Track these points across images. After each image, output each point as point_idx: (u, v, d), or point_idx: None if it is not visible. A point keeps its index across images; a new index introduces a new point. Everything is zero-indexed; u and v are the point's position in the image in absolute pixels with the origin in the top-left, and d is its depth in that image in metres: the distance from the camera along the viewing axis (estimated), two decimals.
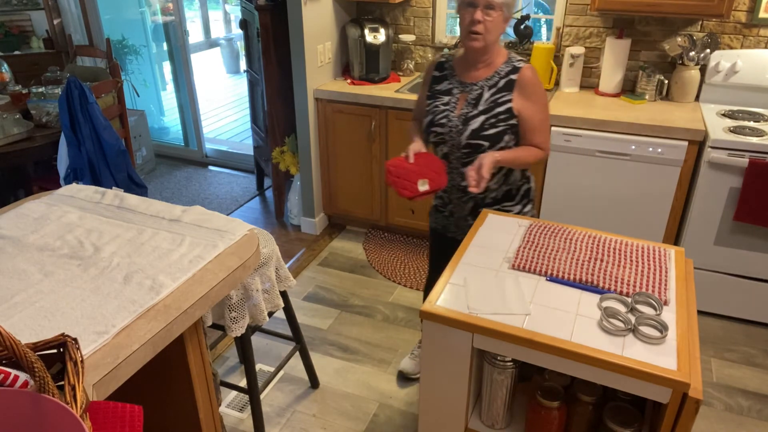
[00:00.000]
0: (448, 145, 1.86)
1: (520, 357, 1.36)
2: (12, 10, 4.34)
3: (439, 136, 1.86)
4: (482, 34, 1.71)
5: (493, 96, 1.80)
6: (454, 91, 1.86)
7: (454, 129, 1.82)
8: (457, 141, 1.83)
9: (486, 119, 1.79)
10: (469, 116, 1.80)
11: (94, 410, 0.97)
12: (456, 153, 1.86)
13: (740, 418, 2.25)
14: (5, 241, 1.61)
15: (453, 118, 1.82)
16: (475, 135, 1.80)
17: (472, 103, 1.81)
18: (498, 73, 1.82)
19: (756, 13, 2.78)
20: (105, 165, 2.94)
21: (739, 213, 2.51)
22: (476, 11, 1.68)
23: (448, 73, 1.89)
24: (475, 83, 1.82)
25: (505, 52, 1.85)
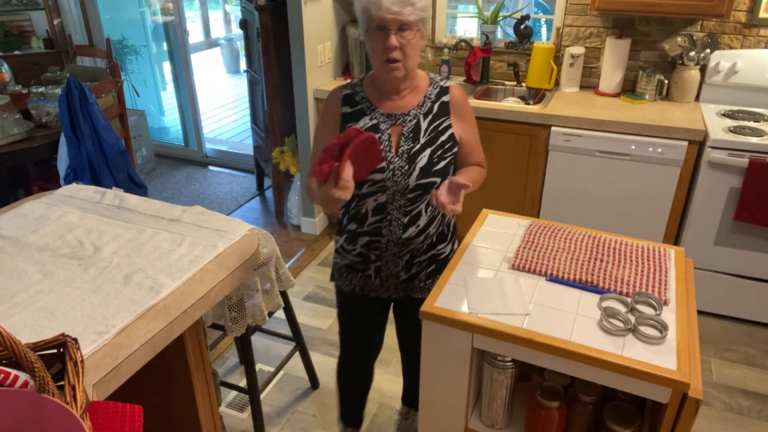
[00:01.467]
0: (389, 193, 1.53)
1: (520, 357, 1.36)
2: (12, 10, 4.34)
3: (378, 184, 1.51)
4: (401, 60, 1.43)
5: (432, 124, 1.54)
6: (382, 126, 1.52)
7: (398, 171, 1.50)
8: (402, 185, 1.52)
9: (433, 152, 1.52)
10: (414, 152, 1.51)
11: (94, 410, 0.97)
12: (398, 200, 1.55)
13: (740, 418, 2.25)
14: (5, 241, 1.61)
15: (394, 159, 1.50)
16: (426, 173, 1.51)
17: (411, 137, 1.52)
18: (428, 98, 1.56)
19: (756, 13, 2.78)
20: (105, 165, 2.94)
21: (739, 213, 2.51)
22: (389, 36, 1.39)
23: (364, 107, 1.54)
24: (407, 113, 1.53)
25: (424, 73, 1.60)
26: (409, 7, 1.36)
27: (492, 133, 2.93)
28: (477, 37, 3.42)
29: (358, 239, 1.63)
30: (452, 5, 3.62)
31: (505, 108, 2.86)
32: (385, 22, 1.37)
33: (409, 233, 1.59)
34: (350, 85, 1.59)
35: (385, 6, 1.35)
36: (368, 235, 1.61)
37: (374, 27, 1.40)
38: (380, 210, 1.57)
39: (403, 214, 1.57)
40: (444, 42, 3.48)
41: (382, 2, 1.35)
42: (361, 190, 1.54)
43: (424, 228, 1.61)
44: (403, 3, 1.35)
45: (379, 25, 1.38)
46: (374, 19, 1.38)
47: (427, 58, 3.50)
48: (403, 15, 1.36)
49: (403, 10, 1.36)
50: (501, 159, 2.96)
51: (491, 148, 2.95)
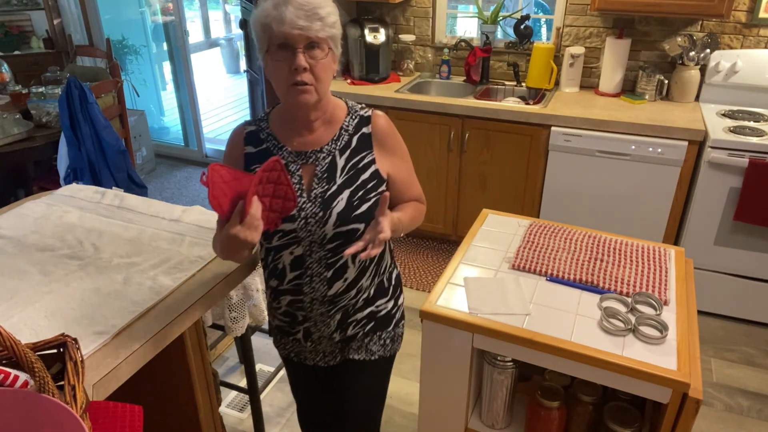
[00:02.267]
0: (304, 244, 1.30)
1: (520, 357, 1.36)
2: (12, 10, 4.34)
3: (290, 235, 1.29)
4: (311, 84, 1.20)
5: (350, 161, 1.31)
6: (291, 167, 1.29)
7: (311, 219, 1.27)
8: (318, 235, 1.28)
9: (352, 194, 1.29)
10: (329, 195, 1.28)
11: (94, 410, 0.97)
12: (317, 252, 1.31)
13: (740, 418, 2.25)
14: (5, 241, 1.61)
15: (306, 205, 1.27)
16: (345, 219, 1.28)
17: (325, 177, 1.29)
18: (345, 130, 1.32)
19: (756, 13, 2.78)
20: (105, 165, 2.94)
21: (739, 213, 2.51)
22: (296, 56, 1.16)
23: (270, 146, 1.31)
24: (319, 149, 1.30)
25: (341, 102, 1.35)
26: (318, 22, 1.16)
27: (492, 133, 2.93)
28: (477, 37, 3.42)
29: (281, 298, 1.41)
30: (452, 5, 3.62)
31: (505, 108, 2.86)
32: (290, 39, 1.16)
33: (335, 289, 1.36)
34: (255, 121, 1.36)
35: (289, 19, 1.14)
36: (290, 294, 1.38)
37: (276, 46, 1.17)
38: (298, 264, 1.33)
39: (325, 268, 1.33)
40: (444, 42, 3.48)
41: (285, 15, 1.14)
42: (271, 242, 1.32)
43: (354, 281, 1.37)
44: (311, 17, 1.15)
45: (283, 42, 1.16)
46: (276, 36, 1.16)
47: (427, 58, 3.50)
48: (312, 30, 1.15)
49: (312, 24, 1.15)
50: (501, 159, 2.96)
51: (491, 148, 2.95)
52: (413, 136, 3.09)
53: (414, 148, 3.11)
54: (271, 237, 1.32)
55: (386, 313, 1.48)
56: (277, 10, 1.15)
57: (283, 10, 1.14)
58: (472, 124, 2.94)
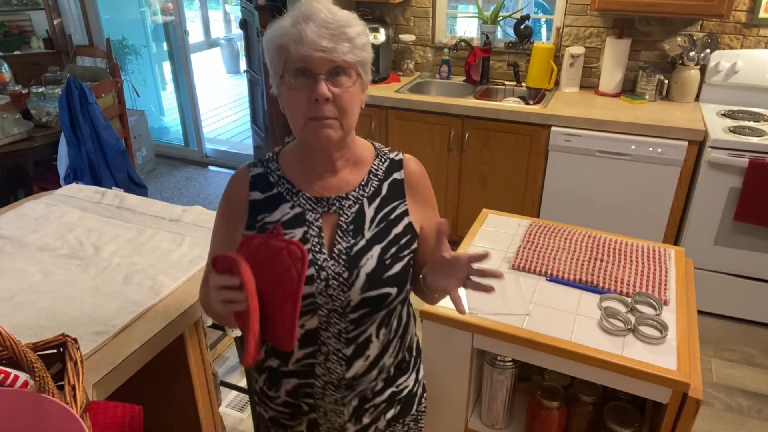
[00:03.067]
0: (322, 314, 1.05)
1: (520, 357, 1.36)
2: (12, 10, 4.34)
3: (305, 301, 1.03)
4: (336, 118, 0.98)
5: (380, 211, 1.09)
6: (309, 216, 1.05)
7: (333, 282, 1.03)
8: (340, 302, 1.04)
9: (384, 250, 1.06)
10: (356, 252, 1.04)
11: (94, 410, 0.97)
12: (337, 324, 1.06)
13: (740, 418, 2.25)
14: (5, 241, 1.61)
15: (327, 264, 1.03)
16: (375, 281, 1.04)
17: (350, 230, 1.06)
18: (375, 175, 1.10)
19: (756, 13, 2.78)
20: (105, 165, 2.94)
21: (739, 213, 2.51)
22: (318, 83, 0.94)
23: (282, 191, 1.07)
24: (344, 195, 1.07)
25: (367, 142, 1.15)
26: (346, 44, 0.94)
27: (492, 133, 2.93)
28: (477, 37, 3.42)
29: (283, 382, 1.13)
30: (452, 5, 3.62)
31: (505, 108, 2.86)
32: (310, 63, 0.94)
33: (355, 370, 1.10)
34: (261, 161, 1.12)
35: (311, 40, 0.92)
36: (296, 377, 1.12)
37: (293, 71, 0.95)
38: (311, 340, 1.08)
39: (344, 344, 1.08)
40: (444, 42, 3.48)
41: (305, 34, 0.93)
42: None
43: (376, 360, 1.12)
44: (337, 36, 0.94)
45: (302, 67, 0.95)
46: (294, 59, 0.94)
47: (427, 58, 3.50)
48: (338, 53, 0.94)
49: (338, 46, 0.94)
50: (501, 159, 2.96)
51: (491, 148, 2.95)
52: (413, 136, 3.09)
53: (414, 148, 3.11)
54: None
55: (408, 393, 1.22)
56: (296, 27, 0.94)
57: (302, 27, 0.93)
58: (472, 124, 2.94)
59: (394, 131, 3.15)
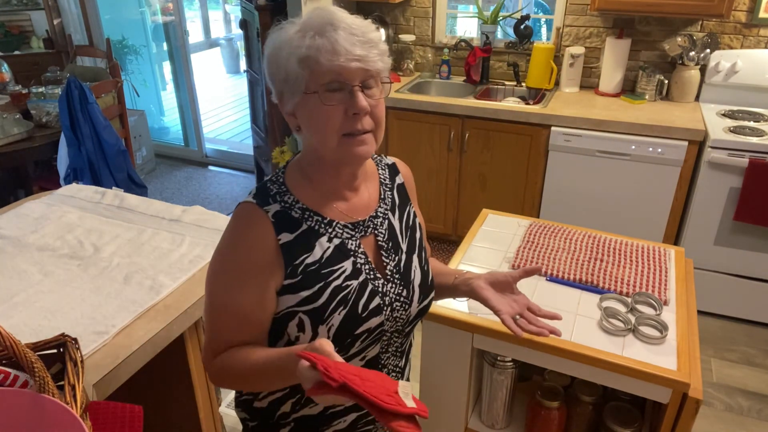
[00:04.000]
0: (386, 337, 1.01)
1: (520, 357, 1.36)
2: (12, 10, 4.34)
3: (374, 333, 0.97)
4: (371, 131, 0.92)
5: (402, 221, 1.07)
6: (350, 245, 0.98)
7: (396, 303, 0.99)
8: (403, 320, 1.02)
9: (419, 258, 1.06)
10: (404, 267, 1.03)
11: (94, 410, 0.97)
12: (395, 343, 1.04)
13: (740, 418, 2.25)
14: (5, 241, 1.61)
15: (387, 289, 0.99)
16: (426, 290, 1.05)
17: (391, 248, 1.02)
18: (385, 185, 1.07)
19: (756, 13, 2.78)
20: (105, 165, 2.94)
21: (739, 213, 2.51)
22: (356, 96, 0.88)
23: (313, 224, 0.95)
24: (375, 214, 1.02)
25: None
26: (375, 50, 0.89)
27: (492, 133, 2.93)
28: (477, 37, 3.42)
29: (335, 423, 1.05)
30: (452, 5, 3.62)
31: (505, 108, 2.86)
32: (345, 75, 0.87)
33: (405, 376, 1.12)
34: (268, 194, 0.96)
35: (345, 49, 0.86)
36: (355, 410, 1.05)
37: (325, 85, 0.87)
38: (371, 367, 1.02)
39: (399, 357, 1.07)
40: (444, 42, 3.48)
41: (338, 43, 0.86)
42: (348, 351, 0.97)
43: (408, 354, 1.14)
44: (366, 44, 0.88)
45: (335, 79, 0.87)
46: (325, 71, 0.86)
47: (427, 58, 3.50)
48: (372, 61, 0.88)
49: (369, 53, 0.88)
50: (501, 159, 2.96)
51: (491, 148, 2.95)
52: (413, 136, 3.09)
53: (414, 148, 3.11)
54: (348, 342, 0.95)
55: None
56: (324, 37, 0.86)
57: (333, 36, 0.86)
58: (472, 124, 2.94)
59: (394, 131, 3.15)
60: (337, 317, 0.93)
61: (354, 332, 0.94)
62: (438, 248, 3.41)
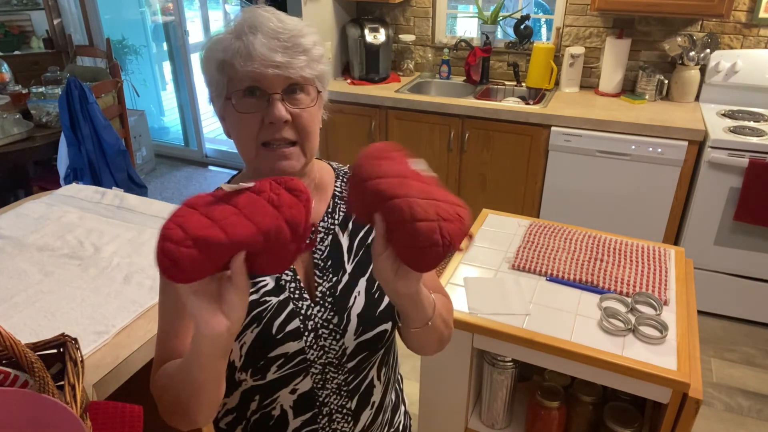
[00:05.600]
0: (316, 369, 0.90)
1: (520, 357, 1.36)
2: (12, 10, 4.34)
3: (293, 361, 0.88)
4: (295, 142, 0.84)
5: (355, 238, 0.95)
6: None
7: (323, 330, 0.89)
8: (335, 351, 0.90)
9: (369, 283, 0.93)
10: (341, 290, 0.91)
11: (94, 410, 0.97)
12: (335, 377, 0.92)
13: (740, 418, 2.25)
14: (5, 241, 1.61)
15: (312, 311, 0.89)
16: (368, 321, 0.91)
17: (329, 267, 0.91)
18: (340, 198, 0.97)
19: (756, 13, 2.77)
20: (105, 165, 2.94)
21: (739, 213, 2.51)
22: (273, 104, 0.81)
23: None
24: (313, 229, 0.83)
25: (325, 163, 1.01)
26: (302, 56, 0.82)
27: (492, 133, 2.93)
28: (477, 37, 3.42)
29: None
30: (452, 5, 3.62)
31: (505, 108, 2.86)
32: (262, 82, 0.80)
33: (363, 423, 0.98)
34: None
35: (261, 54, 0.79)
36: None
37: (241, 91, 0.81)
38: (307, 404, 0.92)
39: (347, 398, 0.94)
40: (444, 42, 3.48)
41: (253, 48, 0.79)
42: (264, 377, 0.88)
43: (381, 403, 1.00)
44: (291, 49, 0.81)
45: (251, 86, 0.81)
46: (241, 77, 0.80)
47: (427, 58, 3.50)
48: (294, 68, 0.81)
49: (293, 60, 0.81)
50: (501, 159, 2.96)
51: (491, 148, 2.95)
52: (413, 136, 3.09)
53: (414, 148, 3.11)
54: (263, 368, 0.87)
55: (403, 428, 1.13)
56: (241, 40, 0.80)
57: (249, 40, 0.79)
58: (472, 124, 2.94)
59: (394, 131, 3.15)
60: (250, 335, 0.85)
61: (267, 354, 0.86)
62: None
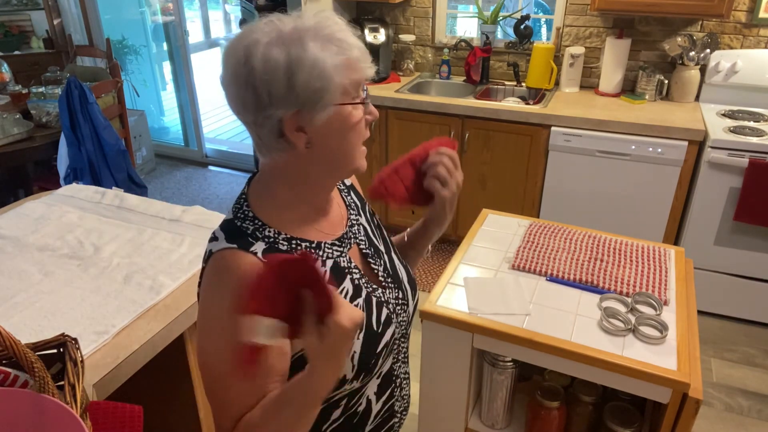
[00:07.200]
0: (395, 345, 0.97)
1: (520, 357, 1.36)
2: (12, 10, 4.34)
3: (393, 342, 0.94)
4: None
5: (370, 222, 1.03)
6: (342, 262, 0.90)
7: (399, 308, 0.97)
8: (405, 321, 0.99)
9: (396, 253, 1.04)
10: (391, 268, 0.99)
11: (94, 410, 0.97)
12: (402, 348, 1.01)
13: (740, 418, 2.25)
14: (5, 241, 1.61)
15: (385, 294, 0.95)
16: (413, 284, 1.03)
17: (373, 253, 0.98)
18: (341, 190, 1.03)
19: (756, 13, 2.78)
20: (105, 165, 2.94)
21: (739, 213, 2.51)
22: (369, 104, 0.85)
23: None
24: (350, 224, 0.97)
25: None
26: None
27: (492, 133, 2.93)
28: (477, 37, 3.42)
29: None
30: (452, 5, 3.62)
31: (505, 108, 2.86)
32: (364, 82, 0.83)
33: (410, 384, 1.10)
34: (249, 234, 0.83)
35: (363, 51, 0.81)
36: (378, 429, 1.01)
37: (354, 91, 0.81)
38: (387, 383, 0.97)
39: (405, 362, 1.03)
40: (444, 42, 3.48)
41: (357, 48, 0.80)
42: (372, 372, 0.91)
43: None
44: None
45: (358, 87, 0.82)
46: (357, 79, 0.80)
47: (427, 58, 3.50)
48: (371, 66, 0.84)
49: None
50: (501, 159, 2.96)
51: (491, 148, 2.95)
52: (413, 136, 3.09)
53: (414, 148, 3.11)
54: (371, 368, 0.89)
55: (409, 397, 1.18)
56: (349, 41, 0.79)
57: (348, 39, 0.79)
58: (472, 124, 2.94)
59: (394, 131, 3.15)
60: (357, 342, 0.86)
61: (375, 351, 0.88)
62: (438, 248, 3.41)
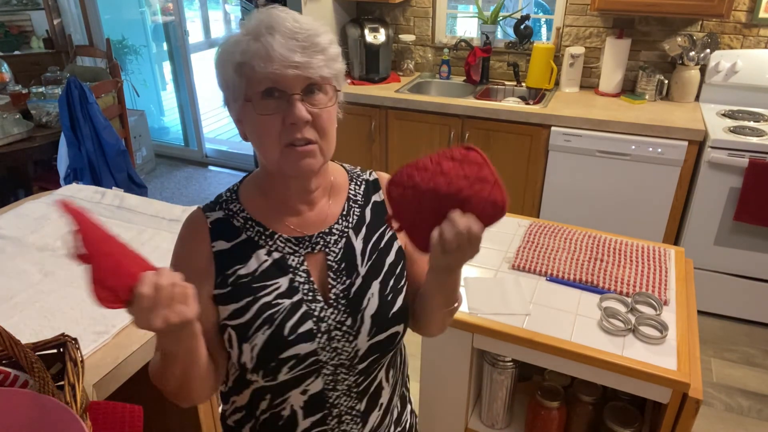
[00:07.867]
0: (328, 370, 0.91)
1: (520, 357, 1.36)
2: (12, 10, 4.34)
3: (306, 362, 0.88)
4: (316, 142, 0.84)
5: (369, 241, 0.95)
6: (291, 261, 0.90)
7: (336, 332, 0.90)
8: (348, 353, 0.91)
9: (383, 285, 0.94)
10: (355, 293, 0.92)
11: (94, 410, 0.97)
12: (346, 379, 0.93)
13: (740, 418, 2.25)
14: (5, 241, 1.61)
15: (326, 314, 0.90)
16: (382, 323, 0.92)
17: (343, 269, 0.92)
18: (354, 201, 0.97)
19: (756, 13, 2.77)
20: (105, 165, 2.94)
21: (739, 213, 2.51)
22: (293, 105, 0.81)
23: (253, 235, 0.91)
24: (328, 231, 0.93)
25: (338, 165, 1.01)
26: (319, 56, 0.82)
27: (492, 133, 2.93)
28: (477, 37, 3.42)
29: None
30: (452, 5, 3.62)
31: (505, 108, 2.86)
32: (282, 83, 0.80)
33: (371, 424, 0.99)
34: (218, 203, 0.95)
35: (280, 55, 0.79)
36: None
37: (261, 93, 0.81)
38: (318, 405, 0.93)
39: (356, 399, 0.95)
40: (444, 42, 3.48)
41: (272, 48, 0.79)
42: (276, 378, 0.88)
43: (389, 404, 1.02)
44: (309, 48, 0.81)
45: (271, 88, 0.81)
46: (260, 78, 0.80)
47: (427, 58, 3.50)
48: (313, 68, 0.81)
49: (312, 59, 0.81)
50: (501, 159, 2.96)
51: (491, 148, 2.95)
52: (413, 136, 3.09)
53: (414, 148, 3.11)
54: (275, 368, 0.87)
55: (410, 427, 1.13)
56: (260, 41, 0.79)
57: (268, 41, 0.79)
58: (472, 124, 2.94)
59: (394, 131, 3.15)
60: (261, 336, 0.86)
61: (279, 356, 0.86)
62: None
